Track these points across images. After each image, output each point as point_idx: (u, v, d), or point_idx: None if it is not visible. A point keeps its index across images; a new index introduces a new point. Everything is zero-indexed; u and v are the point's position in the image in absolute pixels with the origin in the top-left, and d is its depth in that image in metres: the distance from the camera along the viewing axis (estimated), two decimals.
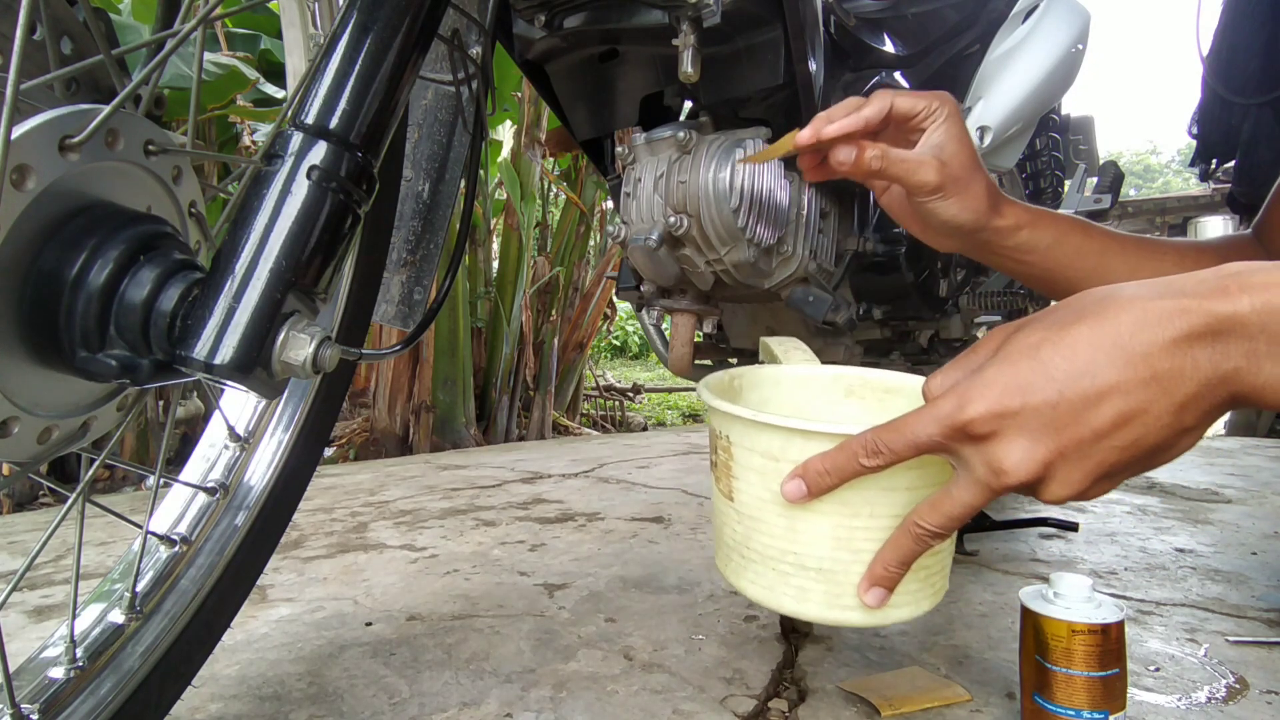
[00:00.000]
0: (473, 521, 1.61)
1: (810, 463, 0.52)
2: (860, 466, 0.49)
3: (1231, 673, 0.87)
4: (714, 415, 0.60)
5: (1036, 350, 0.44)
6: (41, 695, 0.57)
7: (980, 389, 0.45)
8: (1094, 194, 1.45)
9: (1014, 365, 0.44)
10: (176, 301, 0.47)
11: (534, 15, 0.83)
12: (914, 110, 0.67)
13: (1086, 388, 0.42)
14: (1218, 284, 0.42)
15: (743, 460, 0.56)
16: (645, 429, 4.64)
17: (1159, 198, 10.93)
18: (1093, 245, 0.71)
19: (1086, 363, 0.43)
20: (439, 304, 0.71)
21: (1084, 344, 0.43)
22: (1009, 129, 1.14)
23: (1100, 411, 0.42)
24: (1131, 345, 0.42)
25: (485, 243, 3.75)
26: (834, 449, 0.51)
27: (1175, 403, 0.42)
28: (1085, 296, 0.46)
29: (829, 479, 0.51)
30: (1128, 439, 0.43)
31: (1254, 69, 1.91)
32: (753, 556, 0.58)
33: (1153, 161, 48.29)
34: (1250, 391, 0.41)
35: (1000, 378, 0.44)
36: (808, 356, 0.73)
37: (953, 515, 0.48)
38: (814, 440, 0.52)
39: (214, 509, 0.72)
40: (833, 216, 0.95)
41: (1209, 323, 0.41)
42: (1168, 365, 0.41)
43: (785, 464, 0.53)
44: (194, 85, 0.57)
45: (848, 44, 0.93)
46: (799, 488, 0.52)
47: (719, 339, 1.18)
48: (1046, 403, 0.43)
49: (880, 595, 0.53)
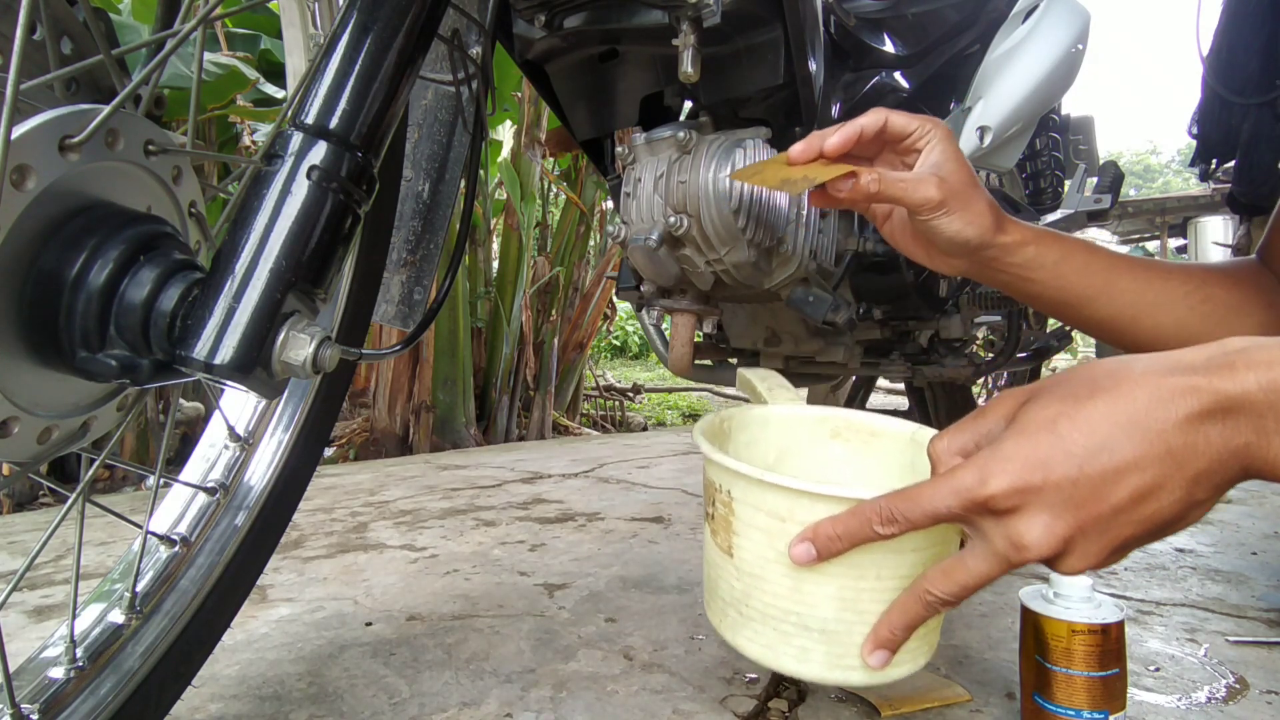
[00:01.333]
0: (473, 521, 1.61)
1: (820, 526, 0.51)
2: (873, 533, 0.48)
3: (1231, 673, 0.87)
4: (713, 468, 0.58)
5: (1054, 424, 0.44)
6: (41, 695, 0.57)
7: (1000, 463, 0.45)
8: (1094, 194, 1.45)
9: (1033, 439, 0.45)
10: (176, 301, 0.47)
11: (534, 15, 0.83)
12: (908, 129, 0.66)
13: (1105, 464, 0.43)
14: (1224, 360, 0.42)
15: (746, 518, 0.55)
16: (645, 429, 4.64)
17: (1159, 198, 10.92)
18: (1099, 263, 0.70)
19: (1104, 438, 0.43)
20: (439, 304, 0.71)
21: (1101, 419, 0.43)
22: (1009, 129, 1.14)
23: (1119, 487, 0.43)
24: (1147, 422, 0.43)
25: (485, 243, 3.75)
26: (846, 514, 0.50)
27: (1188, 477, 0.42)
28: (1096, 368, 0.46)
29: (839, 544, 0.50)
30: (1144, 513, 0.43)
31: (1254, 69, 1.92)
32: (752, 615, 0.56)
33: (1153, 161, 48.30)
34: (1262, 466, 0.42)
35: (1020, 452, 0.44)
36: (791, 394, 0.72)
37: (966, 585, 0.48)
38: (822, 503, 0.51)
39: (214, 509, 0.72)
40: (833, 216, 0.95)
41: (1218, 401, 0.42)
42: (1181, 441, 0.42)
43: (792, 524, 0.52)
44: (194, 85, 0.57)
45: (848, 44, 0.93)
46: (808, 551, 0.51)
47: (719, 339, 1.18)
48: (1067, 478, 0.43)
49: (884, 657, 0.52)
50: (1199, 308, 0.69)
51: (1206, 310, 0.69)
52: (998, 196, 1.30)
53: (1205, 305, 0.69)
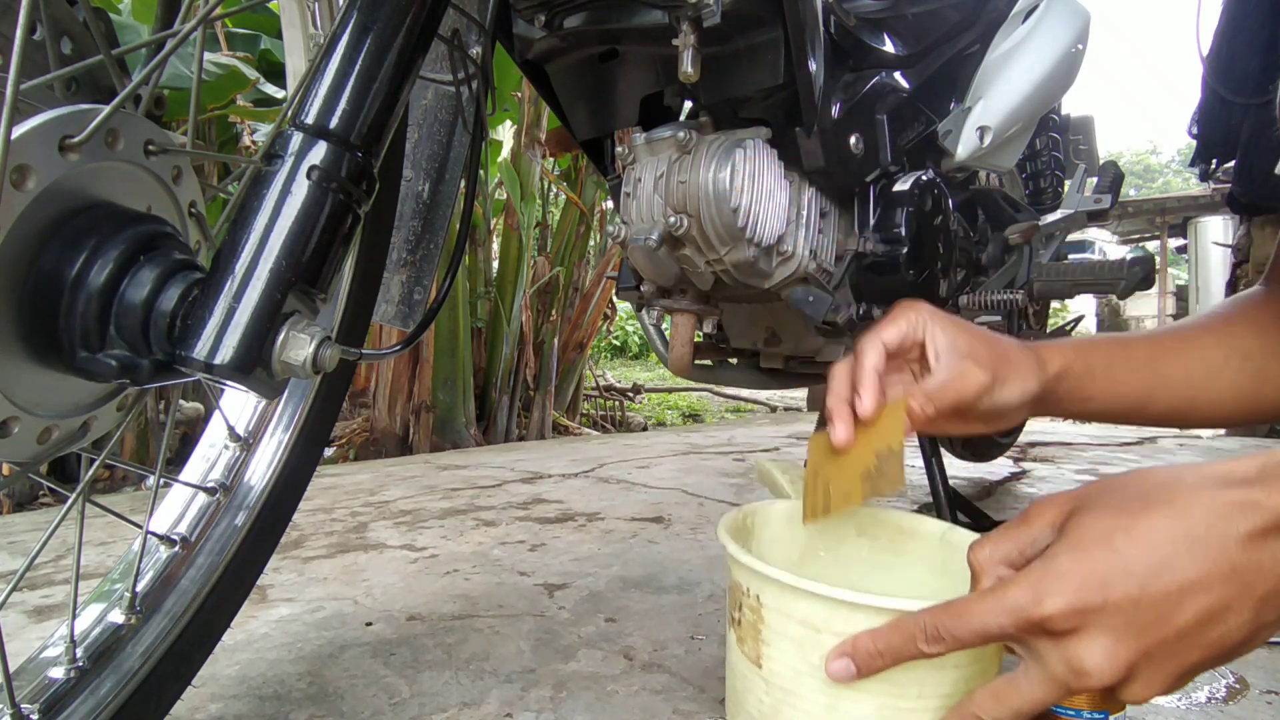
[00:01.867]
0: (473, 521, 1.61)
1: (860, 641, 0.48)
2: (918, 651, 0.45)
3: (1231, 673, 0.87)
4: (740, 570, 0.55)
5: (1111, 539, 0.42)
6: (41, 695, 0.57)
7: (1056, 580, 0.42)
8: (1094, 194, 1.45)
9: (1089, 554, 0.42)
10: (176, 301, 0.47)
11: (534, 15, 0.83)
12: (901, 335, 0.62)
13: (1169, 583, 0.40)
14: (1276, 472, 0.41)
15: (777, 626, 0.52)
16: (645, 429, 4.64)
17: (1159, 198, 10.93)
18: (1138, 356, 0.67)
19: (1166, 556, 0.41)
20: (439, 304, 0.71)
21: (1160, 536, 0.41)
22: (1009, 129, 1.14)
23: (1184, 609, 0.41)
24: (1208, 539, 0.40)
25: (485, 243, 3.75)
26: (888, 628, 0.47)
27: (1257, 597, 0.40)
28: (1146, 478, 0.44)
29: (881, 661, 0.47)
30: (1212, 636, 0.41)
31: (1254, 69, 1.91)
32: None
33: (1153, 161, 48.30)
34: None
35: (1076, 568, 0.42)
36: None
37: (1018, 710, 0.44)
38: (861, 613, 0.48)
39: (214, 509, 0.72)
40: (833, 216, 0.95)
41: (1278, 518, 0.40)
42: (1246, 560, 0.40)
43: (828, 635, 0.49)
44: (194, 85, 0.57)
45: (848, 44, 0.92)
46: (847, 668, 0.48)
47: (719, 339, 1.18)
48: (1129, 598, 0.41)
49: None
50: (1243, 366, 0.67)
51: (1250, 367, 0.67)
52: (998, 196, 1.30)
53: (1247, 362, 0.67)
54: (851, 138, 0.90)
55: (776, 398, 5.88)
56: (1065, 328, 1.52)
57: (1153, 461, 2.32)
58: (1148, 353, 0.67)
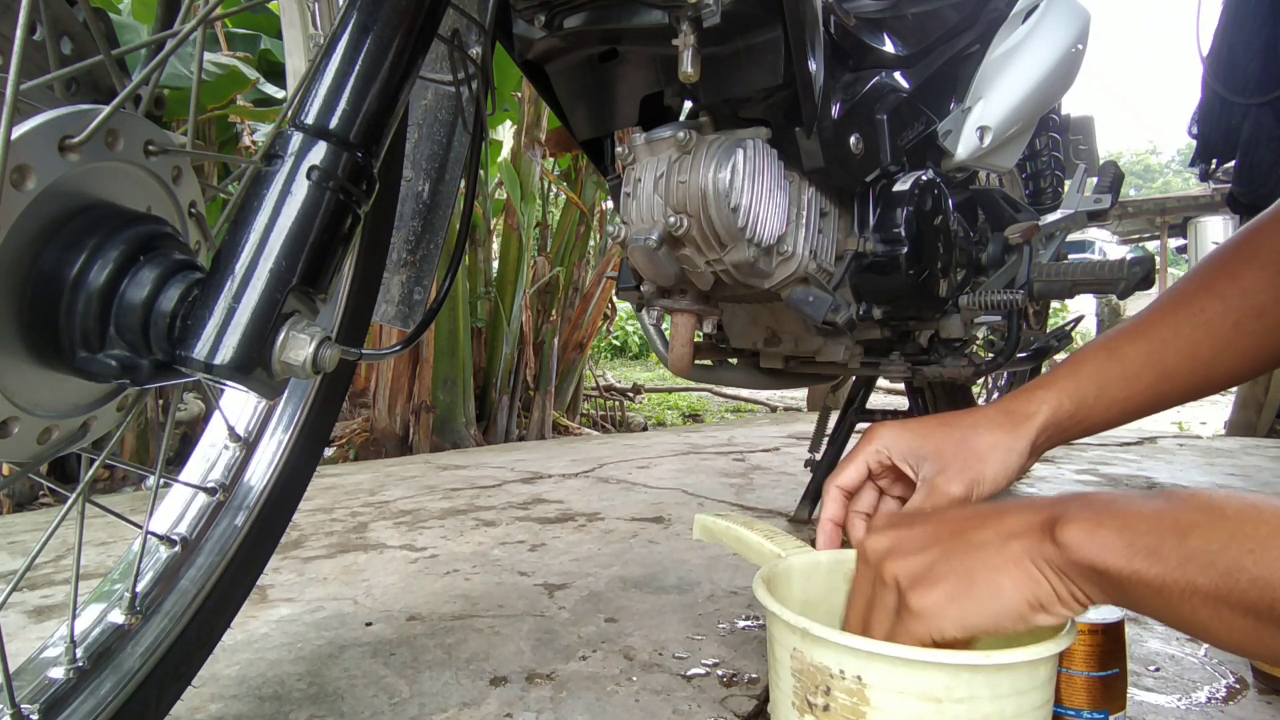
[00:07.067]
0: (473, 521, 1.61)
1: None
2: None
3: (1231, 673, 0.87)
4: (825, 650, 0.50)
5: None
6: (41, 695, 0.57)
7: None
8: (1094, 194, 1.45)
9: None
10: (176, 302, 0.47)
11: (534, 15, 0.83)
12: (861, 474, 0.64)
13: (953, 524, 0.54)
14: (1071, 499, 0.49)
15: (888, 706, 0.48)
16: (645, 429, 4.64)
17: (1159, 198, 10.93)
18: (1133, 363, 0.63)
19: (958, 519, 0.53)
20: (439, 304, 0.71)
21: (956, 513, 0.54)
22: (1009, 129, 1.14)
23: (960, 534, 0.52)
24: (992, 510, 0.53)
25: (485, 243, 3.75)
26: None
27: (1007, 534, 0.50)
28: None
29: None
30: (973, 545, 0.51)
31: (1254, 69, 1.92)
32: None
33: (1153, 161, 48.29)
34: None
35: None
36: (795, 542, 0.67)
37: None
38: (981, 674, 0.47)
39: (214, 509, 0.72)
40: (833, 216, 0.95)
41: (1050, 512, 0.49)
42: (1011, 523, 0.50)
43: (949, 704, 0.47)
44: (194, 85, 0.57)
45: (848, 44, 0.93)
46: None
47: (719, 339, 1.18)
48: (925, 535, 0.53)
49: None
50: (1255, 327, 0.61)
51: (1265, 324, 0.61)
52: (998, 196, 1.30)
53: (1260, 321, 0.61)
54: (851, 138, 0.90)
55: (776, 398, 5.88)
56: (1065, 328, 1.52)
57: (1153, 461, 2.32)
58: (1144, 354, 0.64)
